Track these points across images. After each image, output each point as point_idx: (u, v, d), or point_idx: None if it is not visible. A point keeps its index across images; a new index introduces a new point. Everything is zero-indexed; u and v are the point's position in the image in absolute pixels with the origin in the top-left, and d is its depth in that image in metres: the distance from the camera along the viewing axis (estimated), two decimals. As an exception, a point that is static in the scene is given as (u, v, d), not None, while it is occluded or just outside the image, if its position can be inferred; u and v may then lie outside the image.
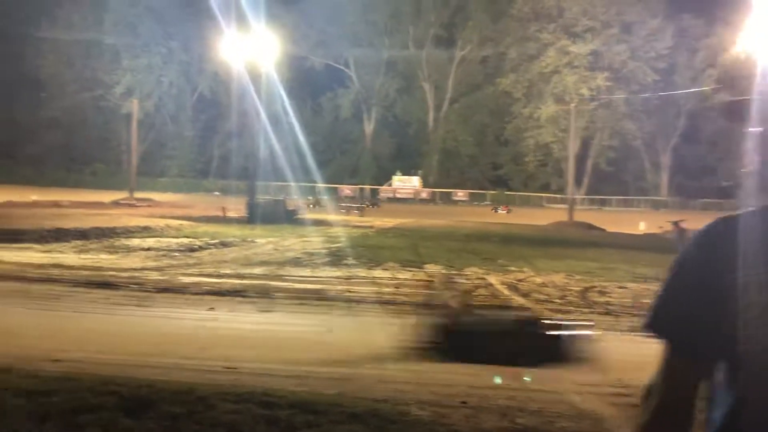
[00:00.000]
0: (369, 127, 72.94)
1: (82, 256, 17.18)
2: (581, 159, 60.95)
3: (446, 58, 69.29)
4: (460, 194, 65.85)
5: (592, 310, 11.34)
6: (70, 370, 5.76)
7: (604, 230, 33.07)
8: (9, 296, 11.39)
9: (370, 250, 18.81)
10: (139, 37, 64.59)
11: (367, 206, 45.40)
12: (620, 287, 13.69)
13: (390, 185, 66.18)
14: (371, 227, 28.93)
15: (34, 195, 41.26)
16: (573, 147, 47.71)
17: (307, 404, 4.77)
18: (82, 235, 20.72)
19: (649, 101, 59.81)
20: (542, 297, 12.31)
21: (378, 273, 14.90)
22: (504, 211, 50.52)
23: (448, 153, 69.22)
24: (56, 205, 34.62)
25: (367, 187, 66.69)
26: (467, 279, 14.14)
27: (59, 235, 20.18)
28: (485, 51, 67.52)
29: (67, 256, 17.06)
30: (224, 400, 4.79)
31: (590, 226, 34.41)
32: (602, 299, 12.42)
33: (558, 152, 61.84)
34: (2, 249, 17.61)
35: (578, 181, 60.07)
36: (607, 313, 11.09)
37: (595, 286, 13.68)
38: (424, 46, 69.08)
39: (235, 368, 6.49)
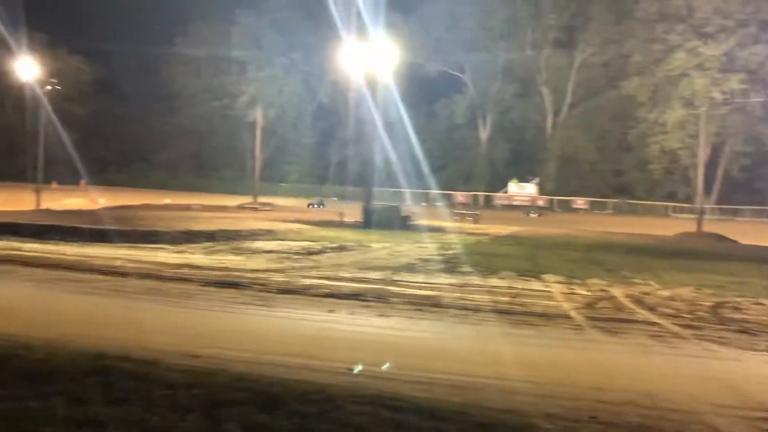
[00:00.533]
0: (484, 133, 72.32)
1: (211, 256, 18.13)
2: (711, 166, 57.44)
3: (566, 61, 67.50)
4: (580, 202, 63.76)
5: (726, 327, 10.61)
6: (208, 365, 6.10)
7: (736, 242, 30.93)
8: (148, 293, 12.24)
9: (485, 258, 18.61)
10: (264, 49, 67.60)
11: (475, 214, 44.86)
12: (757, 303, 12.73)
13: (505, 192, 65.19)
14: (486, 235, 28.62)
15: (167, 198, 44.24)
16: (703, 153, 44.99)
17: (434, 411, 4.79)
18: (211, 237, 21.90)
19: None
20: (669, 311, 11.66)
21: (494, 281, 14.70)
22: (534, 215, 48.42)
23: (567, 159, 67.30)
24: (187, 208, 36.87)
25: (481, 193, 66.10)
26: (589, 290, 13.66)
27: (190, 237, 21.45)
28: (607, 54, 65.18)
29: (198, 256, 18.06)
30: (352, 402, 4.91)
31: (721, 238, 32.27)
32: (737, 316, 11.59)
33: (686, 159, 58.60)
34: (140, 249, 19.01)
35: (708, 190, 56.59)
36: (744, 332, 10.33)
37: (727, 302, 12.79)
38: (543, 50, 67.67)
39: (361, 371, 6.62)
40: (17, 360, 5.91)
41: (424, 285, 13.96)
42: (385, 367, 6.41)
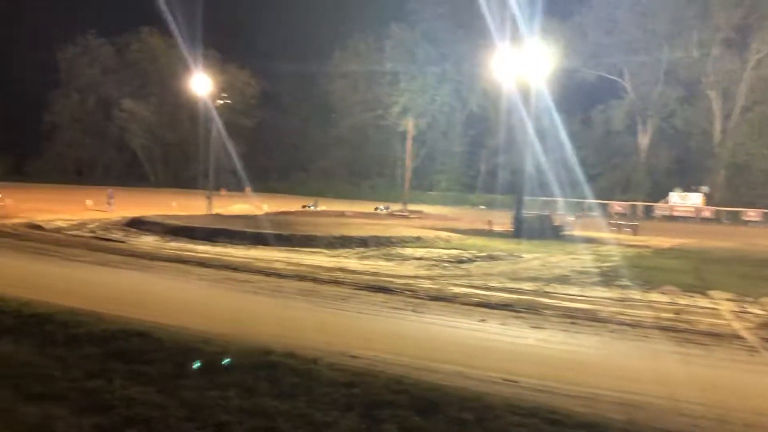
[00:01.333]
0: (644, 140, 68.53)
1: (363, 261, 18.70)
2: None
3: (737, 62, 62.27)
4: (752, 214, 58.32)
5: None
6: (366, 366, 6.32)
7: None
8: (305, 295, 12.87)
9: (645, 272, 17.61)
10: (416, 60, 68.83)
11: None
12: None
13: (666, 202, 61.19)
14: (646, 247, 27.06)
15: (322, 205, 46.24)
16: None
17: (596, 427, 4.64)
18: (363, 242, 22.57)
19: None
20: None
21: (655, 296, 13.87)
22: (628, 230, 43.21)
23: (738, 168, 61.91)
24: (341, 214, 38.29)
25: (640, 203, 62.61)
26: (763, 309, 12.51)
27: (344, 242, 22.24)
28: (786, 53, 59.35)
29: (351, 261, 18.71)
30: (511, 412, 4.87)
31: None
32: None
33: None
34: (298, 252, 20.04)
35: None
36: None
37: None
38: (710, 51, 62.92)
39: (515, 381, 6.56)
40: (197, 353, 6.47)
41: (579, 298, 13.48)
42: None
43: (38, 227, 25.56)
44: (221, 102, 44.31)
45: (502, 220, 31.26)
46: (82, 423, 4.79)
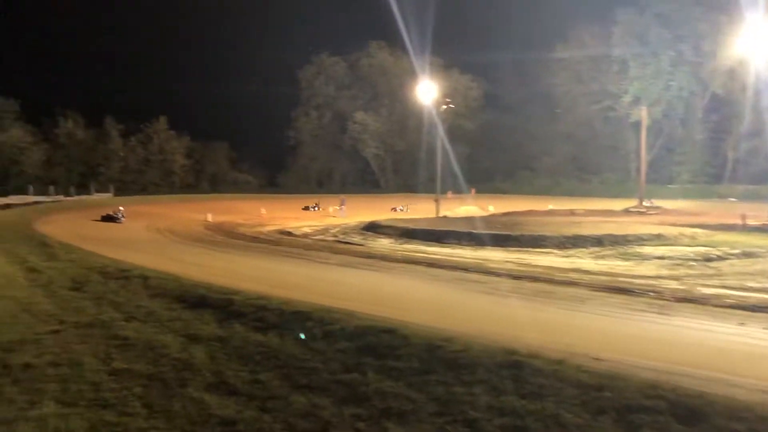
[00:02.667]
0: None
1: (598, 261, 17.93)
2: None
3: None
4: None
5: None
6: (612, 369, 6.06)
7: None
8: (541, 296, 12.69)
9: None
10: (647, 44, 64.24)
11: None
12: None
13: None
14: None
15: (550, 204, 45.13)
16: None
17: None
18: (597, 241, 21.58)
19: None
20: None
21: None
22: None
23: None
24: (571, 213, 37.03)
25: None
26: None
27: (576, 242, 21.48)
28: None
29: (585, 261, 18.05)
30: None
31: None
32: None
33: None
34: (529, 253, 19.80)
35: None
36: None
37: None
38: None
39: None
40: (440, 350, 6.71)
41: None
42: None
43: (288, 233, 28.43)
44: (445, 107, 45.34)
45: (759, 213, 27.91)
46: (343, 413, 5.22)
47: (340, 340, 7.39)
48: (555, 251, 20.25)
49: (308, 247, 22.48)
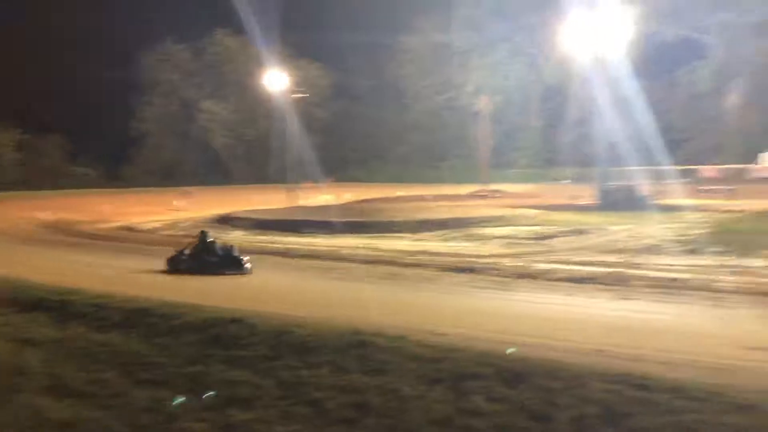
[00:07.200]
0: (733, 101, 64.82)
1: (445, 243, 18.74)
2: None
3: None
4: None
5: None
6: (453, 343, 6.44)
7: None
8: (390, 279, 13.10)
9: (741, 237, 16.79)
10: (486, 36, 67.59)
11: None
12: None
13: (756, 164, 57.78)
14: (742, 211, 25.74)
15: (399, 191, 46.41)
16: None
17: (687, 390, 4.56)
18: (444, 224, 22.53)
19: None
20: None
21: (753, 262, 13.25)
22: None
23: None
24: (421, 198, 38.33)
25: (734, 166, 59.36)
26: None
27: (426, 226, 22.27)
28: None
29: (433, 243, 18.78)
30: (597, 380, 4.86)
31: None
32: None
33: None
34: (381, 238, 20.26)
35: None
36: None
37: None
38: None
39: (603, 351, 6.52)
40: (289, 336, 6.77)
41: (671, 267, 13.05)
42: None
43: (133, 230, 27.02)
44: (296, 96, 45.12)
45: (587, 194, 30.47)
46: (186, 404, 5.13)
47: (185, 334, 7.22)
48: (406, 235, 20.85)
49: (153, 243, 21.53)
